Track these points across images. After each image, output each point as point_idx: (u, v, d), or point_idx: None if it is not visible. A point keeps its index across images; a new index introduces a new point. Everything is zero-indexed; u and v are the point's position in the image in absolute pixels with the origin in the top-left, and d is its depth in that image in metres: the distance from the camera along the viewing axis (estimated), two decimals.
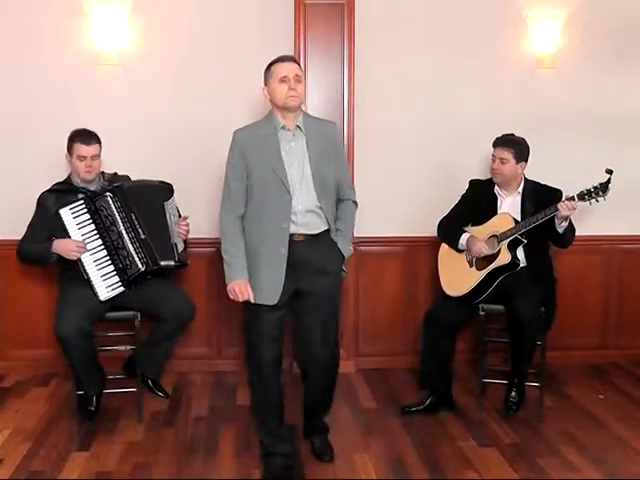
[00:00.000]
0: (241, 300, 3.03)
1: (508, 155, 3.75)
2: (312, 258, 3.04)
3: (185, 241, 3.82)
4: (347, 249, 3.14)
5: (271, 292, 2.99)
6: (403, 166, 4.46)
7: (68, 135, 3.75)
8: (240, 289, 3.00)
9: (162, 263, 3.68)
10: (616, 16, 4.47)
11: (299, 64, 3.11)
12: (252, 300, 3.01)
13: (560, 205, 3.55)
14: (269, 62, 3.11)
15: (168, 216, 3.74)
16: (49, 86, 4.24)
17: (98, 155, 3.71)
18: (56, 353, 4.18)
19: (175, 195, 3.82)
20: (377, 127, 4.41)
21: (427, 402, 3.83)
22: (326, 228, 3.09)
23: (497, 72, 4.45)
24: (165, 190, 3.79)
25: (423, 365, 3.88)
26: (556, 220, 3.62)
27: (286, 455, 3.18)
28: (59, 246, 3.62)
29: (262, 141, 3.02)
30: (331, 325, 3.17)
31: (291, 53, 4.17)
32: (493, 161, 3.81)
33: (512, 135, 3.83)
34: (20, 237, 3.77)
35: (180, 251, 3.76)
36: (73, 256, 3.60)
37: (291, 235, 3.00)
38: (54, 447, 3.42)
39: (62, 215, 3.61)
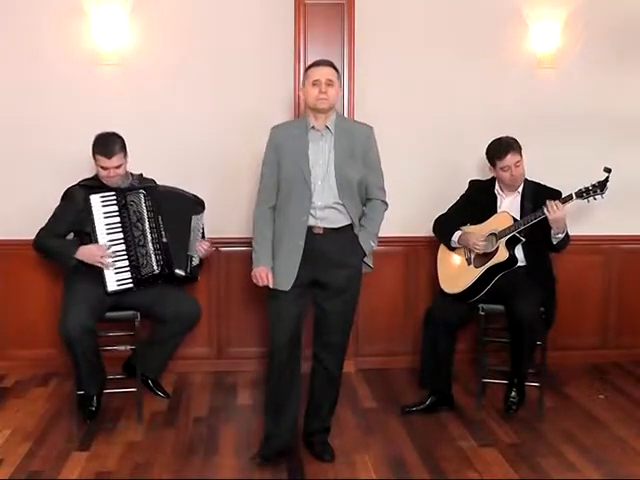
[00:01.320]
0: (261, 285, 3.24)
1: (518, 157, 3.76)
2: (330, 250, 3.19)
3: (202, 259, 3.85)
4: (367, 244, 3.27)
5: (286, 279, 3.18)
6: (403, 166, 4.45)
7: (93, 138, 3.68)
8: (261, 275, 3.23)
9: (176, 270, 3.72)
10: (616, 16, 4.47)
11: (335, 68, 3.23)
12: (271, 286, 3.22)
13: (546, 206, 3.54)
14: (307, 65, 3.29)
15: (192, 229, 3.78)
16: (49, 86, 4.24)
17: (121, 164, 3.66)
18: (56, 353, 4.18)
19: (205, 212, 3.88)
20: (377, 127, 4.39)
21: (427, 402, 3.83)
22: (348, 223, 3.23)
23: (497, 72, 4.45)
24: (196, 205, 3.85)
25: (423, 365, 3.89)
26: (552, 231, 3.62)
27: (281, 438, 3.29)
28: (84, 253, 3.59)
29: (293, 139, 3.21)
30: (345, 316, 3.31)
31: (291, 53, 4.20)
32: (506, 171, 3.74)
33: (501, 139, 3.80)
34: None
35: (194, 265, 3.80)
36: (98, 262, 3.59)
37: (311, 227, 3.18)
38: (54, 447, 3.42)
39: (92, 201, 3.60)
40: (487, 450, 3.41)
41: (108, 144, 3.62)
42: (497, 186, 3.88)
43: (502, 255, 3.69)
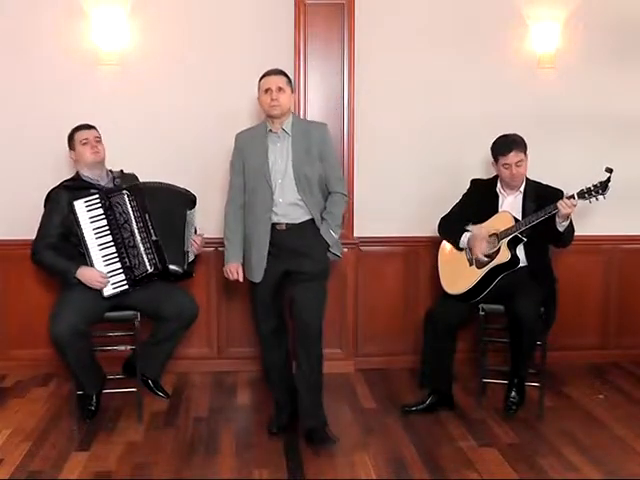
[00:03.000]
0: (232, 279, 3.53)
1: (522, 156, 3.74)
2: (295, 244, 3.43)
3: (196, 255, 3.84)
4: (329, 236, 3.47)
5: (257, 272, 3.46)
6: (403, 166, 4.46)
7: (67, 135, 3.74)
8: (231, 270, 3.52)
9: (171, 267, 3.69)
10: (616, 16, 4.47)
11: (285, 75, 3.46)
12: (241, 280, 3.52)
13: (560, 203, 3.55)
14: (260, 76, 3.46)
15: (187, 225, 3.77)
16: (49, 86, 4.24)
17: (100, 139, 3.74)
18: (56, 353, 4.18)
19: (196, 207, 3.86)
20: (377, 127, 4.41)
21: (427, 402, 3.83)
22: (309, 218, 3.45)
23: (497, 72, 4.45)
24: (188, 199, 3.83)
25: (423, 365, 3.88)
26: (557, 219, 3.62)
27: (281, 418, 3.60)
28: (84, 274, 3.57)
29: (255, 142, 3.48)
30: (316, 298, 3.48)
31: (291, 53, 4.21)
32: (507, 168, 3.74)
33: (508, 136, 3.79)
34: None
35: (190, 261, 3.78)
36: (95, 286, 3.59)
37: (275, 224, 3.42)
38: (54, 447, 3.42)
39: (76, 207, 3.60)
40: (487, 450, 3.41)
41: (85, 124, 3.76)
42: (499, 185, 3.87)
43: (504, 256, 3.69)
